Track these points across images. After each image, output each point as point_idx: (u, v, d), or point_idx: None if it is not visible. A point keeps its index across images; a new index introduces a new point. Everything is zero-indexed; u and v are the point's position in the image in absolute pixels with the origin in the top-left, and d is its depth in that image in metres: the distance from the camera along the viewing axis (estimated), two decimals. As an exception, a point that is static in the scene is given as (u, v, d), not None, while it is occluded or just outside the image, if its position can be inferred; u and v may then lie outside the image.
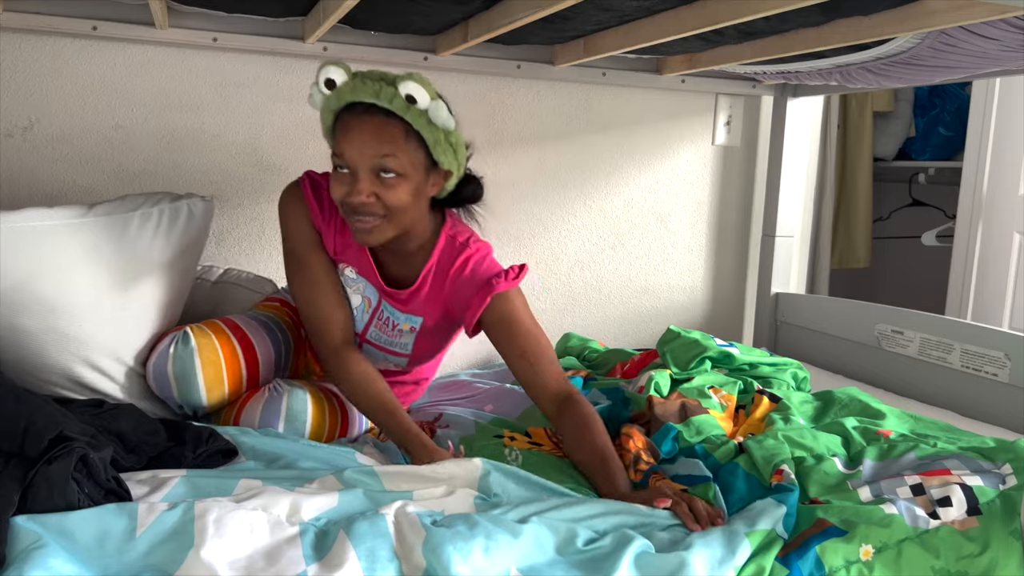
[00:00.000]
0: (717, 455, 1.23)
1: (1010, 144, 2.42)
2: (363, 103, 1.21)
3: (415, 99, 1.18)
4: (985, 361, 1.66)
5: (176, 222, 1.39)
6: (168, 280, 1.38)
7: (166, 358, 1.28)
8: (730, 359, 1.63)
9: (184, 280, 1.44)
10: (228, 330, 1.33)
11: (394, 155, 1.21)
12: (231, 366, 1.30)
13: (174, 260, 1.39)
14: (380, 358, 1.45)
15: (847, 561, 0.95)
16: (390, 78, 1.19)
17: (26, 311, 1.22)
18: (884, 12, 1.28)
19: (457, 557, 0.85)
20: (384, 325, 1.42)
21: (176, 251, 1.39)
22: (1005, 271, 2.45)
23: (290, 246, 1.40)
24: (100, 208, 1.32)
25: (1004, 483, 1.06)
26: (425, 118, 1.20)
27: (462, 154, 1.29)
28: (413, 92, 1.17)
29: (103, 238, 1.29)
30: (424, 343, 1.43)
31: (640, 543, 0.93)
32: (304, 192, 1.39)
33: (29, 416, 0.96)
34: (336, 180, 1.25)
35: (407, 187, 1.23)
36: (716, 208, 2.31)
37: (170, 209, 1.38)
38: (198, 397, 1.28)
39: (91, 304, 1.27)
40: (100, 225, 1.29)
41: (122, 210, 1.34)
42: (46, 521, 0.84)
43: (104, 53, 1.70)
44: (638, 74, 2.05)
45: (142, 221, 1.34)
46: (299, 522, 0.91)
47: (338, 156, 1.23)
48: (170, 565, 0.82)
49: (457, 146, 1.26)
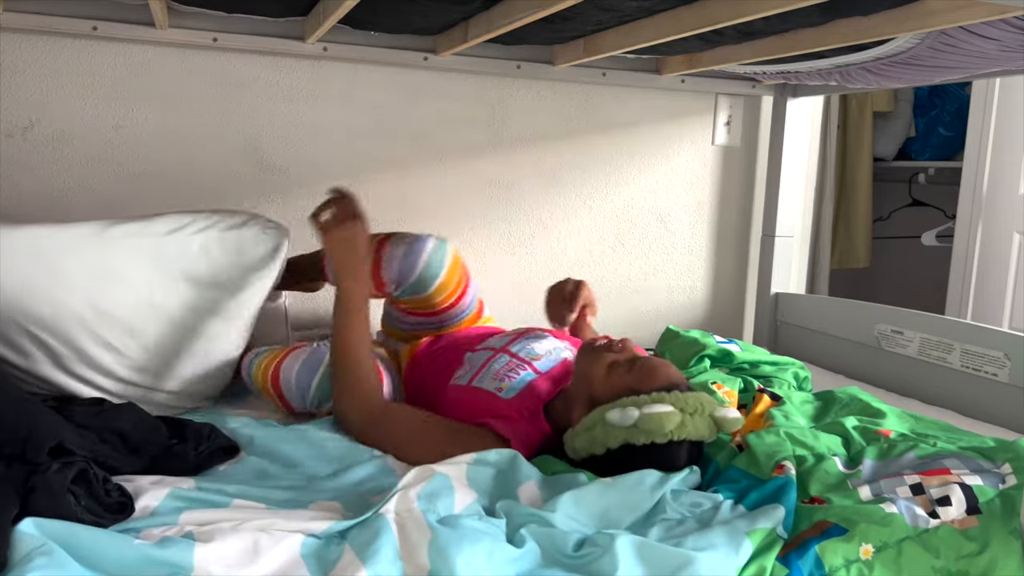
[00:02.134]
0: (719, 459, 1.23)
1: (1010, 144, 2.42)
2: None
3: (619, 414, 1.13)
4: (985, 361, 1.66)
5: (222, 252, 1.32)
6: (189, 305, 1.32)
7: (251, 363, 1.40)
8: (730, 357, 1.63)
9: (216, 311, 1.36)
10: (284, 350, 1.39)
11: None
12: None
13: (202, 288, 1.32)
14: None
15: (847, 560, 0.95)
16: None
17: (22, 328, 1.20)
18: (884, 12, 1.28)
19: (462, 560, 0.85)
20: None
21: (217, 284, 1.32)
22: (1005, 271, 2.45)
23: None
24: (120, 228, 1.26)
25: (1004, 483, 1.06)
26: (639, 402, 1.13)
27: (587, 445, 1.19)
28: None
29: (112, 261, 1.24)
30: None
31: (629, 537, 0.93)
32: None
33: (31, 423, 0.96)
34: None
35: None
36: (716, 208, 2.31)
37: (208, 238, 1.30)
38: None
39: (91, 326, 1.25)
40: (114, 247, 1.25)
41: (145, 235, 1.27)
42: (46, 526, 0.84)
43: (104, 53, 1.70)
44: (638, 74, 2.05)
45: (164, 247, 1.28)
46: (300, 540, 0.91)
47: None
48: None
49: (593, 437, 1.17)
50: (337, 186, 1.39)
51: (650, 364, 1.18)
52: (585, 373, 1.21)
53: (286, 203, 1.89)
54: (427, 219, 2.02)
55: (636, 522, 1.04)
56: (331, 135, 1.90)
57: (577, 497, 1.05)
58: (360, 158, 1.94)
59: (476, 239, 2.07)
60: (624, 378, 1.17)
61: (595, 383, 1.19)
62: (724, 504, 1.07)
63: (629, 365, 1.19)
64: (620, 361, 1.20)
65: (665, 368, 1.18)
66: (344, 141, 1.92)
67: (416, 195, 2.00)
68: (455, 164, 2.02)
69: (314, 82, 1.87)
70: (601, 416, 1.13)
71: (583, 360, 1.24)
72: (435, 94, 1.97)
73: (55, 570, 0.78)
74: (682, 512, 1.06)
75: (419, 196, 2.00)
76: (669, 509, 1.05)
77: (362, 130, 1.93)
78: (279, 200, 1.88)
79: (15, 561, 0.78)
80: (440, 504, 0.97)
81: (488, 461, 1.10)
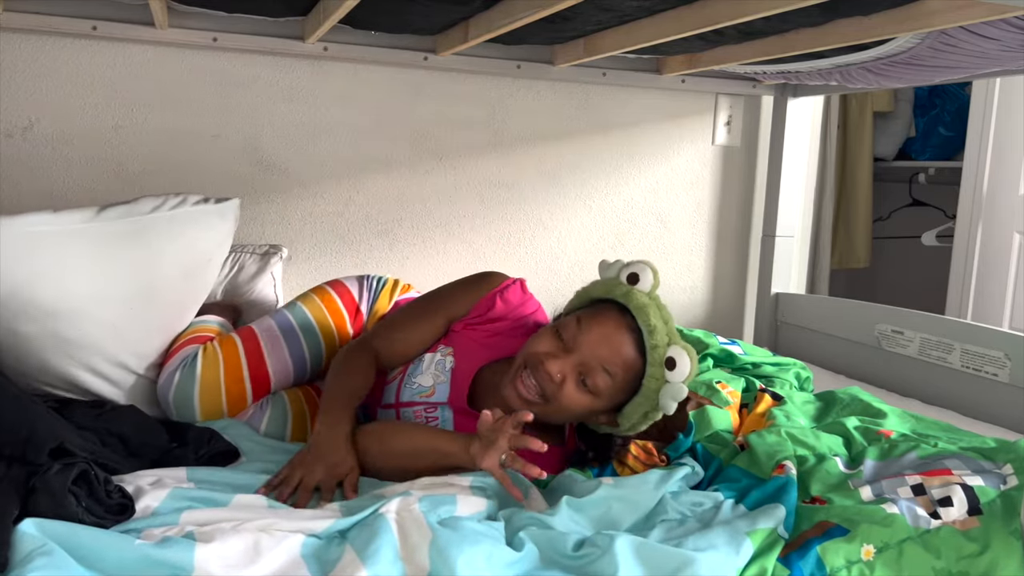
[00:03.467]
0: (722, 457, 1.23)
1: (1010, 144, 2.42)
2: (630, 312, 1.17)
3: (674, 365, 1.14)
4: (985, 361, 1.66)
5: (193, 227, 1.33)
6: (179, 286, 1.35)
7: (170, 384, 1.30)
8: (732, 358, 1.63)
9: (197, 285, 1.40)
10: (242, 349, 1.33)
11: (613, 376, 1.15)
12: (233, 393, 1.31)
13: (188, 265, 1.35)
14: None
15: (848, 561, 0.95)
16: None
17: (26, 316, 1.20)
18: (884, 12, 1.28)
19: (463, 561, 0.85)
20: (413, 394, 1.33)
21: (191, 256, 1.34)
22: (1005, 271, 2.45)
23: (442, 297, 1.35)
24: (110, 212, 1.27)
25: (1005, 483, 1.06)
26: (659, 383, 1.15)
27: (641, 423, 1.21)
28: (676, 358, 1.14)
29: (109, 244, 1.25)
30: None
31: (629, 538, 0.93)
32: (506, 290, 1.32)
33: (31, 424, 0.96)
34: (545, 336, 1.18)
35: (587, 400, 1.17)
36: (716, 208, 2.31)
37: (184, 214, 1.33)
38: (194, 420, 1.30)
39: (94, 309, 1.25)
40: (107, 230, 1.25)
41: (133, 214, 1.28)
42: (47, 527, 0.84)
43: (104, 53, 1.70)
44: (638, 74, 2.05)
45: (153, 226, 1.29)
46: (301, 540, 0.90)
47: (567, 331, 1.17)
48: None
49: (647, 415, 1.20)
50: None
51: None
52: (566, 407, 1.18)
53: (286, 203, 1.89)
54: (427, 219, 2.02)
55: (637, 522, 1.04)
56: (331, 135, 1.90)
57: (578, 497, 1.05)
58: (360, 158, 1.94)
59: (476, 239, 2.07)
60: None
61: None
62: (725, 504, 1.07)
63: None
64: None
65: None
66: (344, 141, 1.92)
67: (416, 195, 2.00)
68: (455, 164, 2.02)
69: (314, 82, 1.86)
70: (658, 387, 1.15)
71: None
72: (435, 94, 1.97)
73: (55, 570, 0.78)
74: (683, 512, 1.06)
75: (419, 196, 2.00)
76: (670, 509, 1.05)
77: (362, 130, 1.93)
78: (279, 200, 1.88)
79: (16, 561, 0.78)
80: (442, 507, 0.97)
81: (488, 484, 1.09)
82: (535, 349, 1.17)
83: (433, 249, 2.04)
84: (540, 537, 0.94)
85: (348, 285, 1.50)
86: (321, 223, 1.93)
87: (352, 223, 1.96)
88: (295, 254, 1.91)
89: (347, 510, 0.99)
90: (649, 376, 1.15)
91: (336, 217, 1.94)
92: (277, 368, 1.35)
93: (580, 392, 1.15)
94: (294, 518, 0.95)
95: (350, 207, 1.95)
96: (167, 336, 1.37)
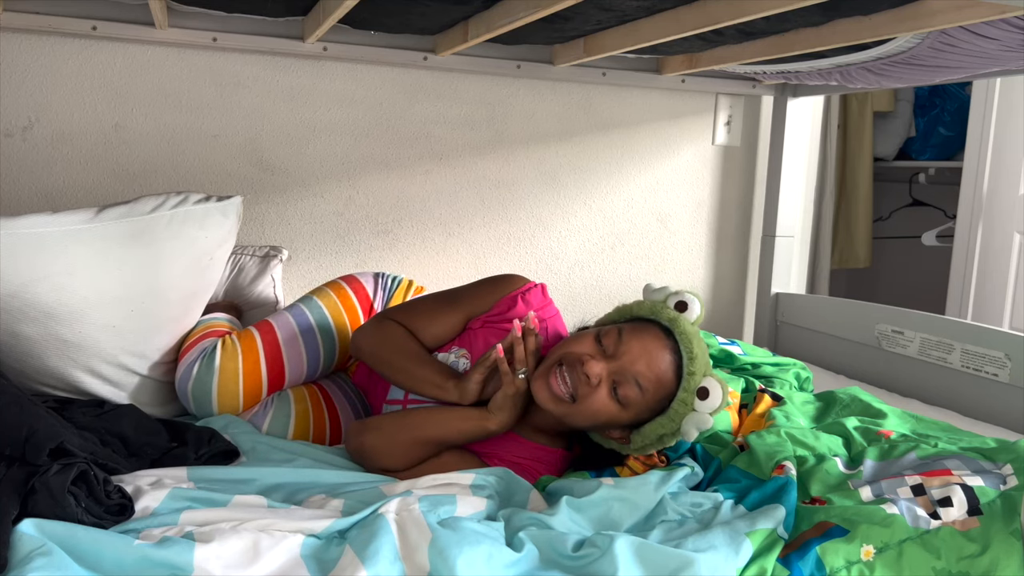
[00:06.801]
0: (722, 457, 1.23)
1: (1010, 144, 2.42)
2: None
3: (706, 395, 1.14)
4: (985, 361, 1.66)
5: (194, 225, 1.32)
6: (181, 285, 1.34)
7: (189, 375, 1.31)
8: (731, 358, 1.63)
9: (200, 284, 1.39)
10: (261, 343, 1.34)
11: (644, 391, 1.14)
12: (249, 386, 1.32)
13: (190, 264, 1.33)
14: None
15: (848, 561, 0.95)
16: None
17: (26, 317, 1.20)
18: (884, 12, 1.28)
19: (463, 562, 0.85)
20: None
21: (194, 255, 1.33)
22: (1005, 271, 2.45)
23: (464, 293, 1.34)
24: (110, 212, 1.26)
25: (1005, 483, 1.06)
26: (687, 409, 1.15)
27: (653, 445, 1.20)
28: (711, 389, 1.14)
29: (110, 244, 1.24)
30: None
31: (628, 538, 0.93)
32: (528, 292, 1.32)
33: (31, 425, 0.96)
34: (585, 339, 1.17)
35: (614, 409, 1.16)
36: (716, 208, 2.31)
37: (185, 213, 1.31)
38: (211, 413, 1.32)
39: (95, 310, 1.24)
40: (107, 231, 1.24)
41: (133, 214, 1.27)
42: (46, 527, 0.84)
43: (104, 53, 1.70)
44: (638, 74, 2.05)
45: (154, 226, 1.28)
46: (300, 540, 0.90)
47: (608, 338, 1.16)
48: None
49: (663, 439, 1.19)
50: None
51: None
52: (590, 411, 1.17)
53: (286, 203, 1.89)
54: (427, 219, 2.02)
55: (637, 523, 1.04)
56: (331, 135, 1.90)
57: (578, 498, 1.05)
58: (360, 158, 1.94)
59: (476, 239, 2.07)
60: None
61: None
62: (724, 504, 1.07)
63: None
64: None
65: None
66: (344, 141, 1.92)
67: (416, 195, 2.00)
68: (455, 164, 2.02)
69: (314, 82, 1.87)
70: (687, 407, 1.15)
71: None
72: (435, 94, 1.97)
73: (55, 571, 0.78)
74: (683, 512, 1.06)
75: (419, 196, 2.00)
76: (670, 509, 1.05)
77: (362, 130, 1.93)
78: (279, 200, 1.88)
79: (15, 562, 0.78)
80: (442, 508, 0.97)
81: (488, 483, 1.09)
82: (575, 349, 1.16)
83: (433, 249, 2.04)
84: (540, 537, 0.95)
85: (363, 282, 1.50)
86: (321, 223, 1.93)
87: (352, 223, 1.96)
88: (295, 254, 1.91)
89: (347, 510, 0.99)
90: (679, 400, 1.14)
91: (336, 217, 1.94)
92: (293, 365, 1.35)
93: (610, 399, 1.14)
94: (293, 518, 0.95)
95: (350, 207, 1.95)
96: (170, 336, 1.37)
